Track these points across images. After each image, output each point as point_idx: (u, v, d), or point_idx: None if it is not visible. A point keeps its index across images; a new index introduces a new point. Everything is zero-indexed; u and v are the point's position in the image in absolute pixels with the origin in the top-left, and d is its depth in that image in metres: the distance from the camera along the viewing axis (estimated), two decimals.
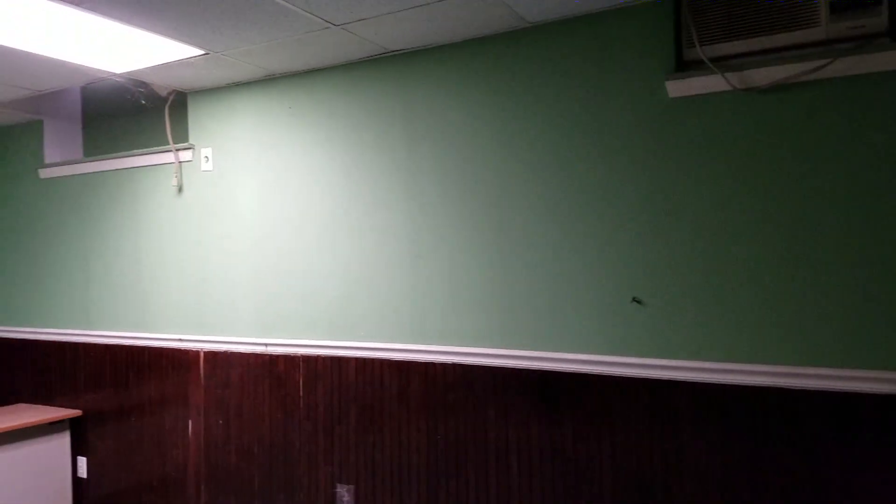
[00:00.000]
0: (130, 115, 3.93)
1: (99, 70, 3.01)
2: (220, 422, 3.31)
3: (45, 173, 3.94)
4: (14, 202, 4.12)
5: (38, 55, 2.78)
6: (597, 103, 2.46)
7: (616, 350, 2.42)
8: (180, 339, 3.43)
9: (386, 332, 2.89)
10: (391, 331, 2.88)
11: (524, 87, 2.60)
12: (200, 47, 2.70)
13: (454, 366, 2.73)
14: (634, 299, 2.38)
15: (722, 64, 2.24)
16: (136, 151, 3.59)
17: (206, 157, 3.34)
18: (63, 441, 3.78)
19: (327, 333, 3.04)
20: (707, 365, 2.26)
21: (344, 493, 2.98)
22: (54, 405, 3.91)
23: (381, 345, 2.89)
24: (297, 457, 3.11)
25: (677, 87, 2.30)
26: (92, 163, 3.75)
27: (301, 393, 3.10)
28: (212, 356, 3.34)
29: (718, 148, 2.27)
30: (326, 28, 2.53)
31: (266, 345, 3.18)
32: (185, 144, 3.39)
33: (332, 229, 3.01)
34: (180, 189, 3.44)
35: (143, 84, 3.30)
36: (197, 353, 3.38)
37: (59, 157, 3.99)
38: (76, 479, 3.81)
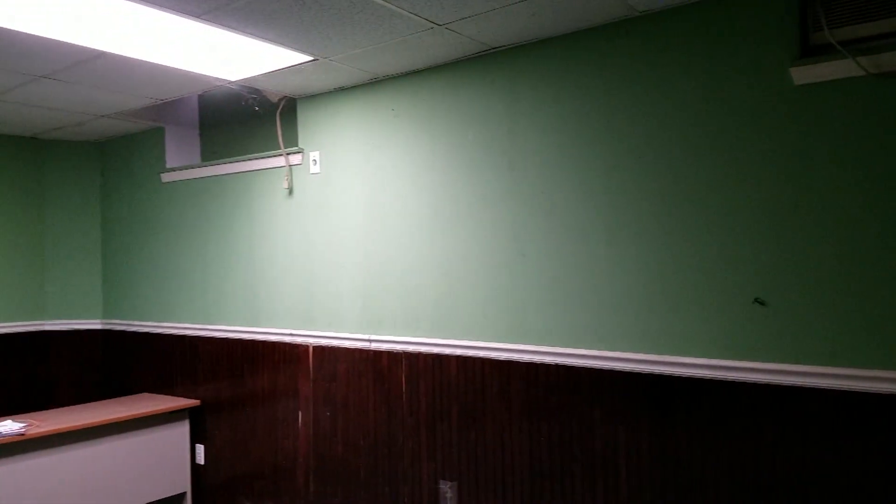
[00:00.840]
0: (243, 122, 4.14)
1: (215, 78, 3.18)
2: (328, 414, 3.43)
3: (166, 178, 4.22)
4: (139, 206, 4.44)
5: (160, 65, 2.97)
6: (713, 94, 2.35)
7: (736, 354, 2.29)
8: (291, 334, 3.57)
9: (487, 331, 2.88)
10: (492, 330, 2.87)
11: (634, 79, 2.52)
12: (310, 53, 2.80)
13: (557, 367, 2.69)
14: (757, 300, 2.25)
15: (853, 48, 2.08)
16: (249, 156, 3.77)
17: (315, 160, 3.46)
18: (183, 429, 4.03)
19: (429, 331, 3.07)
20: (841, 371, 2.11)
21: (447, 489, 3.00)
22: (175, 395, 4.17)
23: (483, 343, 2.89)
24: (401, 451, 3.16)
25: (803, 74, 2.15)
26: (209, 167, 3.98)
27: (404, 389, 3.15)
28: (320, 350, 3.46)
29: (850, 137, 2.11)
30: (430, 28, 2.55)
31: (370, 340, 3.26)
32: (295, 148, 3.53)
33: (435, 228, 3.04)
34: (290, 191, 3.58)
35: (256, 91, 3.46)
36: (306, 347, 3.51)
37: (179, 163, 4.25)
38: (194, 466, 4.06)
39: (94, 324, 4.67)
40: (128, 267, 4.51)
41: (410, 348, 3.12)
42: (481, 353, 2.90)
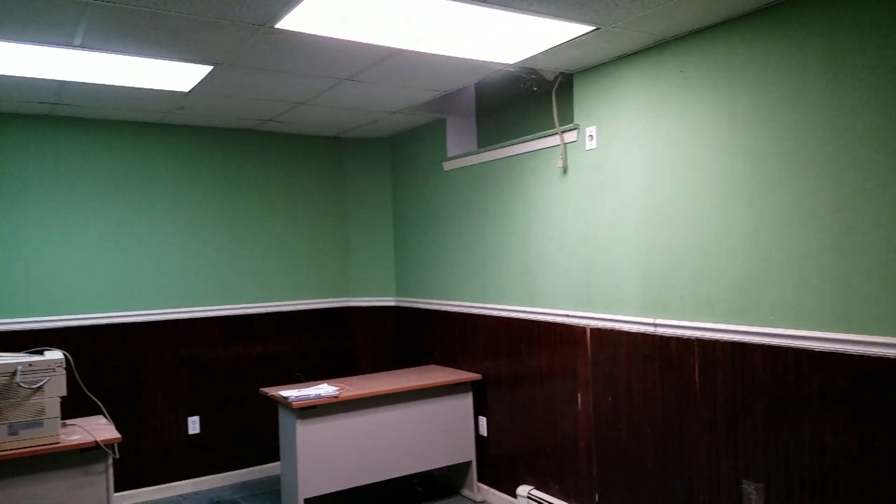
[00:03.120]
0: (516, 105, 4.20)
1: (495, 63, 3.24)
2: (609, 399, 3.32)
3: (447, 165, 4.47)
4: (424, 193, 4.77)
5: (446, 56, 3.11)
6: None
7: None
8: (567, 315, 3.54)
9: (802, 318, 2.51)
10: (809, 317, 2.49)
11: None
12: (592, 23, 2.69)
13: None
14: None
15: None
16: (523, 138, 3.80)
17: (591, 135, 3.36)
18: (467, 401, 4.25)
19: (725, 316, 2.78)
20: None
21: (752, 490, 2.71)
22: (458, 368, 4.42)
23: (796, 332, 2.52)
24: (694, 445, 2.93)
25: None
26: (484, 153, 4.11)
27: (696, 379, 2.91)
28: (598, 333, 3.36)
29: None
30: None
31: (655, 325, 3.06)
32: (570, 125, 3.46)
33: (734, 200, 2.73)
34: (565, 170, 3.52)
35: (533, 71, 3.45)
36: (583, 329, 3.44)
37: (458, 151, 4.47)
38: (478, 437, 4.26)
39: (389, 301, 5.17)
40: (416, 250, 4.89)
41: (704, 335, 2.86)
42: (794, 343, 2.53)
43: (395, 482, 4.36)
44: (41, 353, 3.12)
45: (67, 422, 3.31)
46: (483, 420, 4.22)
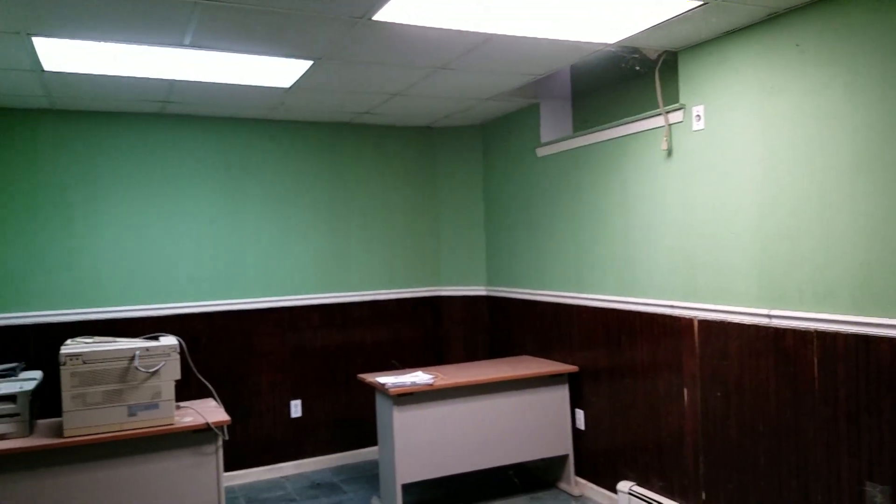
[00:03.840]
0: (614, 87, 4.05)
1: (594, 43, 3.13)
2: (718, 394, 3.16)
3: (541, 152, 4.38)
4: (516, 181, 4.71)
5: (541, 39, 3.03)
6: None
7: None
8: (671, 306, 3.39)
9: None
10: None
11: None
12: None
13: None
14: None
15: None
16: (623, 120, 3.66)
17: (698, 115, 3.19)
18: (562, 393, 4.18)
19: (849, 307, 2.57)
20: None
21: (877, 493, 2.50)
22: (552, 359, 4.35)
23: None
24: (811, 443, 2.74)
25: None
26: (581, 137, 4.00)
27: (815, 373, 2.71)
28: (706, 325, 3.20)
29: None
30: None
31: (769, 316, 2.88)
32: (676, 105, 3.30)
33: (856, 182, 2.52)
34: (669, 152, 3.37)
35: (635, 50, 3.31)
36: (690, 320, 3.29)
37: (553, 136, 4.37)
38: (575, 430, 4.18)
39: (480, 290, 5.15)
40: (507, 238, 4.85)
41: (824, 326, 2.66)
42: None
43: (491, 472, 4.35)
44: (157, 338, 3.31)
45: (181, 404, 3.50)
46: (580, 413, 4.14)
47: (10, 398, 3.01)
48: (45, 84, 3.51)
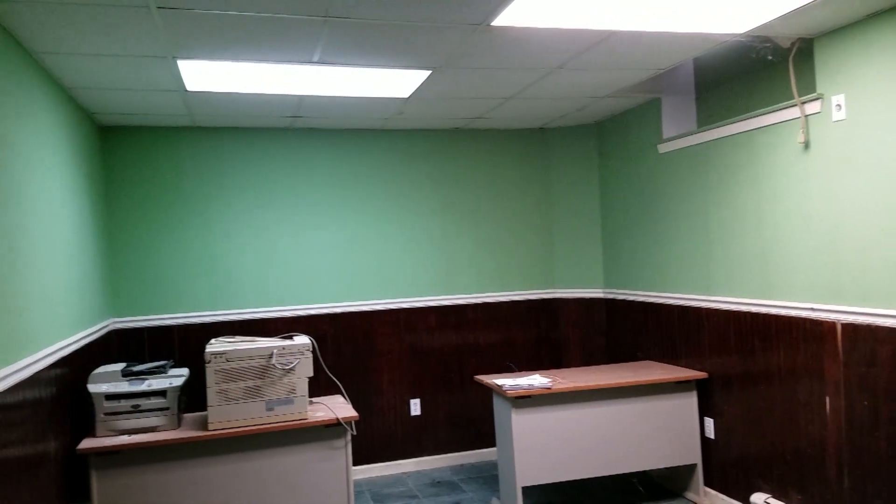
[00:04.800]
0: (741, 78, 3.85)
1: (722, 34, 2.99)
2: (865, 403, 2.92)
3: (663, 148, 4.23)
4: (635, 179, 4.58)
5: (666, 33, 2.93)
6: None
7: None
8: (811, 309, 3.17)
9: None
10: None
11: None
12: None
13: None
14: None
15: None
16: (753, 113, 3.47)
17: (838, 105, 2.96)
18: (690, 401, 4.01)
19: None
20: None
21: None
22: (679, 365, 4.18)
23: None
24: None
25: None
26: (706, 132, 3.83)
27: None
28: (851, 329, 2.97)
29: None
30: None
31: None
32: (813, 95, 3.08)
33: None
34: (807, 145, 3.15)
35: (766, 39, 3.13)
36: (832, 324, 3.06)
37: (675, 132, 4.21)
38: (704, 439, 4.00)
39: (597, 292, 5.05)
40: (626, 239, 4.72)
41: None
42: None
43: (613, 479, 4.25)
44: (291, 338, 3.51)
45: (312, 400, 3.69)
46: (710, 421, 3.95)
47: (160, 393, 3.30)
48: (187, 103, 3.82)
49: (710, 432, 3.94)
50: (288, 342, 3.41)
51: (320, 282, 4.71)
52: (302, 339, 3.45)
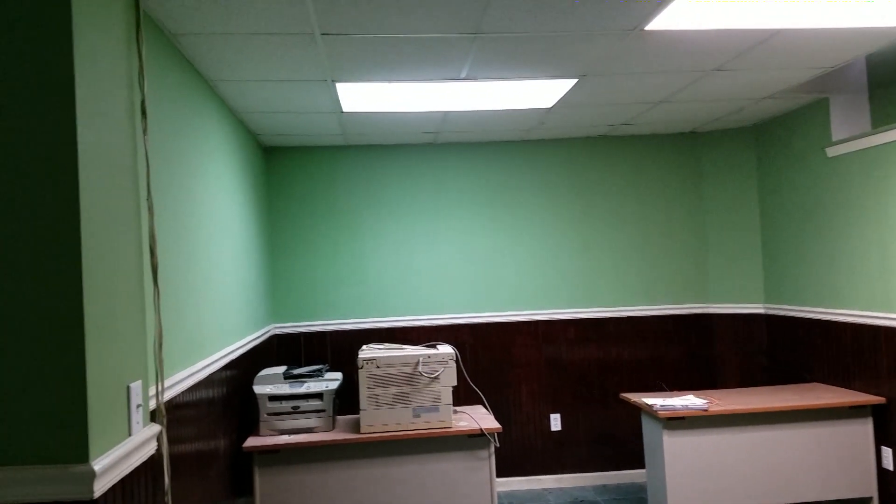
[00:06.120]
0: None
1: None
2: None
3: (832, 151, 3.87)
4: (800, 185, 4.22)
5: (835, 29, 2.69)
6: None
7: None
8: None
9: None
10: None
11: None
12: None
13: None
14: None
15: None
16: None
17: None
18: (864, 428, 3.62)
19: None
20: None
21: None
22: (852, 388, 3.79)
23: None
24: None
25: None
26: (883, 133, 3.45)
27: None
28: None
29: None
30: None
31: None
32: None
33: None
34: None
35: None
36: None
37: (846, 133, 3.84)
38: (881, 470, 3.59)
39: (756, 308, 4.70)
40: (791, 250, 4.36)
41: None
42: None
43: None
44: (435, 346, 3.58)
45: (455, 409, 3.74)
46: (888, 451, 3.54)
47: (317, 396, 3.49)
48: (342, 123, 4.03)
49: (889, 463, 3.52)
50: (433, 351, 3.48)
51: (459, 292, 4.78)
52: (446, 349, 3.52)
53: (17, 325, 1.45)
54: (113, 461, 1.54)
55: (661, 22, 2.51)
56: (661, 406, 3.57)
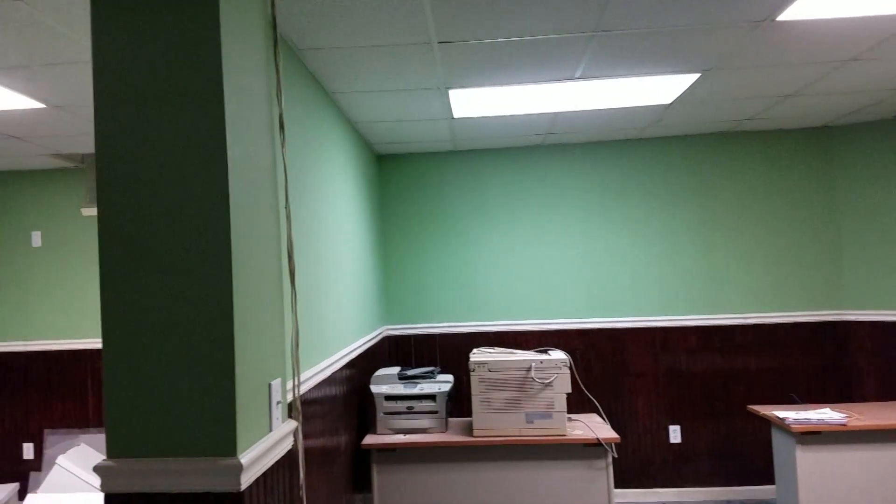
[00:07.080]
0: None
1: None
2: None
3: None
4: None
5: None
6: None
7: None
8: None
9: None
10: None
11: None
12: None
13: None
14: None
15: None
16: None
17: None
18: None
19: None
20: None
21: None
22: None
23: None
24: None
25: None
26: None
27: None
28: None
29: None
30: None
31: None
32: None
33: None
34: None
35: None
36: None
37: None
38: None
39: None
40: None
41: None
42: None
43: None
44: (546, 352, 3.54)
45: (570, 416, 3.67)
46: None
47: (431, 397, 3.54)
48: (452, 129, 4.08)
49: None
50: (545, 356, 3.44)
51: (569, 296, 4.69)
52: (558, 354, 3.46)
53: (182, 327, 1.56)
54: (257, 455, 1.63)
55: (794, 11, 2.36)
56: (795, 420, 3.34)
